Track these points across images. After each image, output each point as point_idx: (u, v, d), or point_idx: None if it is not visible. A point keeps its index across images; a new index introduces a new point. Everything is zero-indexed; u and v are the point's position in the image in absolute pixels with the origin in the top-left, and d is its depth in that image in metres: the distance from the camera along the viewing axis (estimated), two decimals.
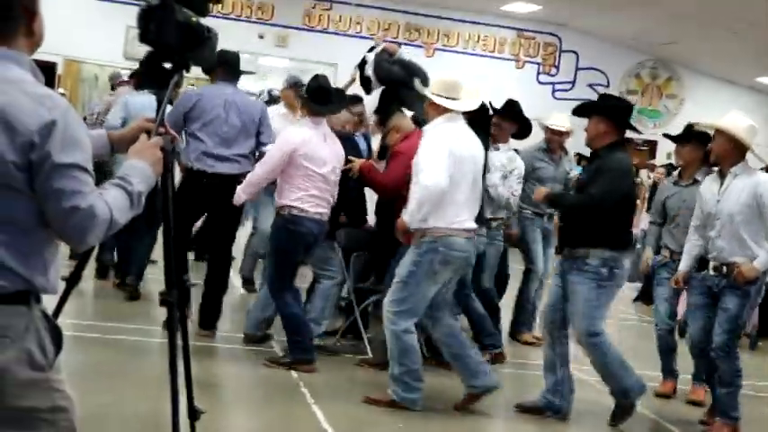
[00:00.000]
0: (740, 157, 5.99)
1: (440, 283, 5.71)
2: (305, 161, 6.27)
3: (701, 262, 6.18)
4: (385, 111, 7.15)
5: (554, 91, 18.99)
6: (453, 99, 5.72)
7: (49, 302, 2.68)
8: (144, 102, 7.39)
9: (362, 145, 7.75)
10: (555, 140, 8.20)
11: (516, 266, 8.79)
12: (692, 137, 7.04)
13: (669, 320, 6.99)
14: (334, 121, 6.84)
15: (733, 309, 5.93)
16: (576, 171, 8.51)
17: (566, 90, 18.99)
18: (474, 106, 5.98)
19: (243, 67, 7.19)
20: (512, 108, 7.60)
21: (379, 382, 5.99)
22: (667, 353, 7.02)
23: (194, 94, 7.05)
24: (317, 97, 6.42)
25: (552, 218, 8.13)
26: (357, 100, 7.69)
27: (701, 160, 6.90)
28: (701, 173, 6.82)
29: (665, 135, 7.72)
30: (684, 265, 6.30)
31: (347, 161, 6.67)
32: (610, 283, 5.79)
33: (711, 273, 6.07)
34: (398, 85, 7.85)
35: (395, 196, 6.39)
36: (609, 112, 5.86)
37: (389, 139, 6.87)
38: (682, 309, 7.28)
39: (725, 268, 5.98)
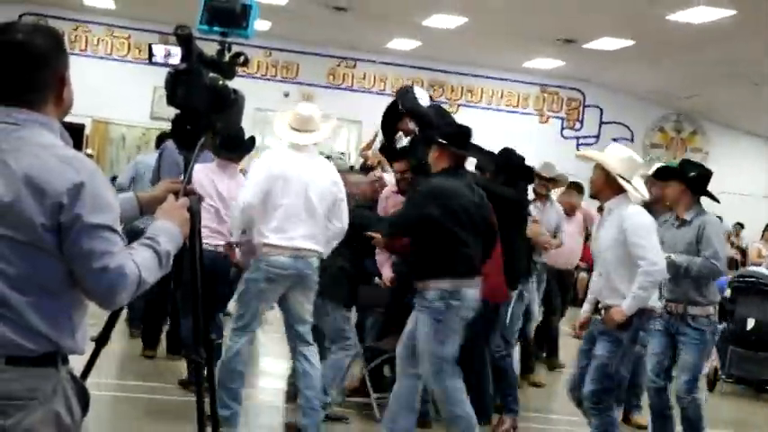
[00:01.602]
0: (616, 190, 5.53)
1: (269, 300, 5.92)
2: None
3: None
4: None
5: (578, 145, 19.00)
6: (305, 131, 6.03)
7: (77, 362, 2.70)
8: (151, 162, 7.91)
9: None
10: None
11: None
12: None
13: (657, 378, 6.23)
14: (351, 186, 6.82)
15: (599, 356, 5.45)
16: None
17: (590, 144, 19.00)
18: (314, 140, 6.13)
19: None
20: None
21: None
22: (657, 417, 6.27)
23: None
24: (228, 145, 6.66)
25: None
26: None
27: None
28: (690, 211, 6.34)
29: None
30: (583, 309, 5.88)
31: (366, 236, 6.38)
32: (448, 316, 5.55)
33: (597, 316, 5.66)
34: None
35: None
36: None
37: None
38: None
39: (603, 312, 5.54)
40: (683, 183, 6.13)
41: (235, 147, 6.79)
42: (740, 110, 18.40)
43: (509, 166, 7.03)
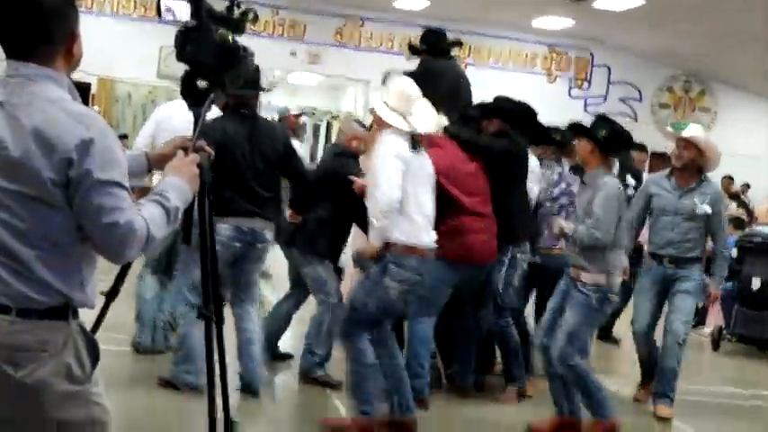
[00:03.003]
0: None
1: None
2: None
3: None
4: None
5: (586, 105, 18.91)
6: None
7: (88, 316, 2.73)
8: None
9: None
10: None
11: None
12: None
13: (542, 334, 6.10)
14: (341, 137, 6.75)
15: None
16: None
17: (598, 104, 18.91)
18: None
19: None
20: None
21: None
22: (549, 377, 6.13)
23: None
24: None
25: None
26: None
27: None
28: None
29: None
30: None
31: (348, 181, 6.23)
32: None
33: None
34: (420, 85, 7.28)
35: None
36: None
37: None
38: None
39: None
40: (592, 141, 5.81)
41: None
42: (750, 72, 18.27)
43: (501, 113, 6.54)
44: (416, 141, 5.52)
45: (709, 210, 6.62)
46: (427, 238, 5.45)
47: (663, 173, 6.91)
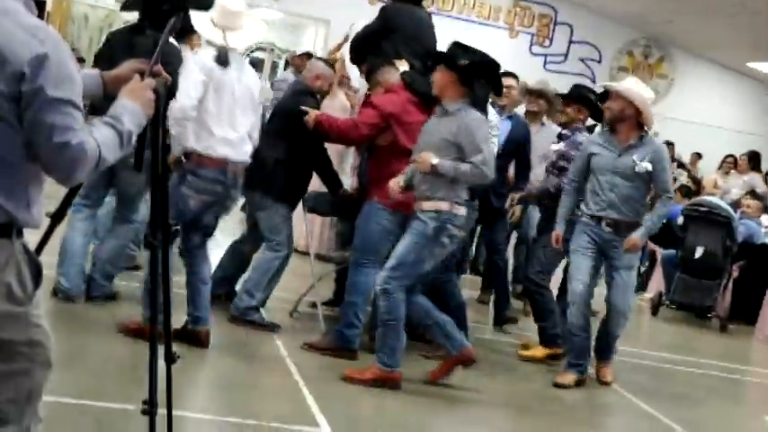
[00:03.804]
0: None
1: None
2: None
3: None
4: (361, 59, 6.89)
5: (546, 63, 18.92)
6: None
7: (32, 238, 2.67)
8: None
9: None
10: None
11: None
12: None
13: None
14: (305, 74, 6.63)
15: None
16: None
17: (558, 63, 18.92)
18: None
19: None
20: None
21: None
22: None
23: None
24: None
25: None
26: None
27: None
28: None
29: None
30: None
31: (303, 113, 6.20)
32: None
33: None
34: (378, 36, 6.95)
35: (357, 143, 6.28)
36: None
37: (374, 95, 6.41)
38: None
39: None
40: (452, 70, 5.47)
41: None
42: (712, 41, 18.36)
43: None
44: (224, 57, 5.54)
45: (649, 166, 6.14)
46: (230, 151, 5.57)
47: (602, 130, 6.59)
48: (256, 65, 9.28)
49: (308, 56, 10.64)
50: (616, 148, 6.24)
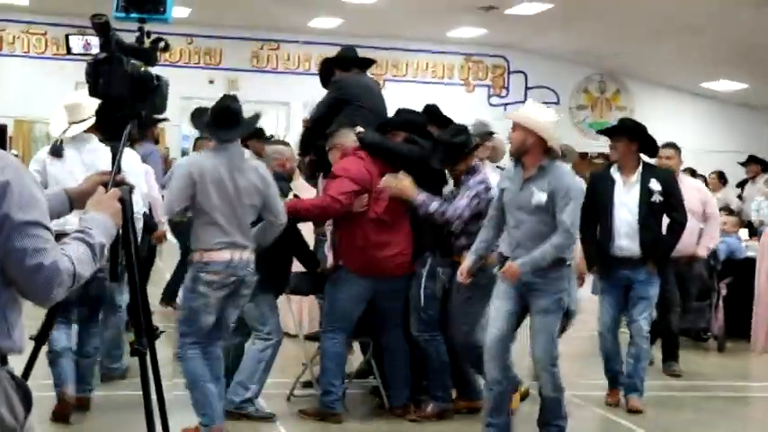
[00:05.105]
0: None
1: None
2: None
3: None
4: (309, 145, 6.97)
5: (505, 112, 19.16)
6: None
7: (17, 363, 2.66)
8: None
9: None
10: None
11: None
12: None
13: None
14: (269, 162, 6.44)
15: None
16: None
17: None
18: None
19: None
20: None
21: None
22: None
23: None
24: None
25: None
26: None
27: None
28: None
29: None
30: None
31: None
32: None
33: None
34: (333, 109, 6.91)
35: (337, 215, 6.19)
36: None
37: (331, 158, 6.41)
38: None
39: None
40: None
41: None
42: (663, 66, 18.67)
43: (405, 124, 6.48)
44: (56, 147, 5.90)
45: (543, 197, 5.42)
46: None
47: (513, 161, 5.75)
48: None
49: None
50: (520, 181, 5.55)
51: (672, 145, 8.28)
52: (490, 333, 5.55)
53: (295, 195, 6.34)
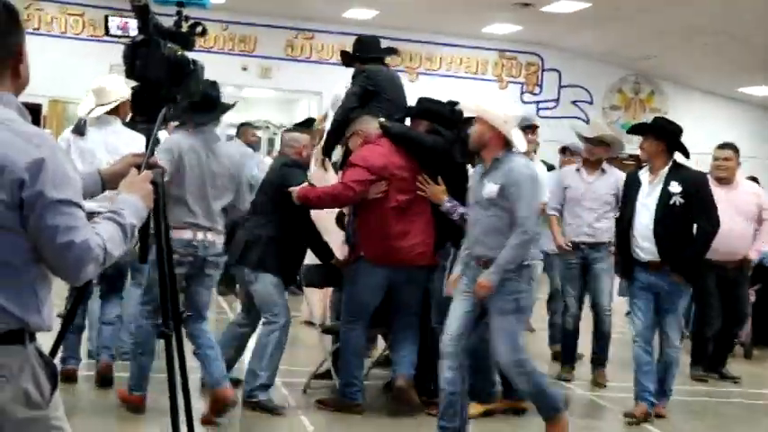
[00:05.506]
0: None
1: None
2: None
3: None
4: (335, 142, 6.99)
5: (538, 110, 19.05)
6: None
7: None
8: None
9: None
10: None
11: None
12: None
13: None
14: (288, 150, 6.52)
15: None
16: None
17: (550, 108, 19.06)
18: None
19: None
20: None
21: None
22: None
23: None
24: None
25: None
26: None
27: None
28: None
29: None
30: None
31: (288, 191, 6.12)
32: None
33: None
34: (370, 94, 6.94)
35: (351, 203, 6.23)
36: None
37: (351, 144, 6.43)
38: None
39: None
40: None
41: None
42: (697, 69, 18.53)
43: (426, 113, 6.51)
44: (79, 126, 6.25)
45: (494, 190, 5.35)
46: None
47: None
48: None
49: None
50: (479, 176, 5.55)
51: (730, 146, 8.17)
52: (445, 333, 5.49)
53: (310, 184, 6.28)
